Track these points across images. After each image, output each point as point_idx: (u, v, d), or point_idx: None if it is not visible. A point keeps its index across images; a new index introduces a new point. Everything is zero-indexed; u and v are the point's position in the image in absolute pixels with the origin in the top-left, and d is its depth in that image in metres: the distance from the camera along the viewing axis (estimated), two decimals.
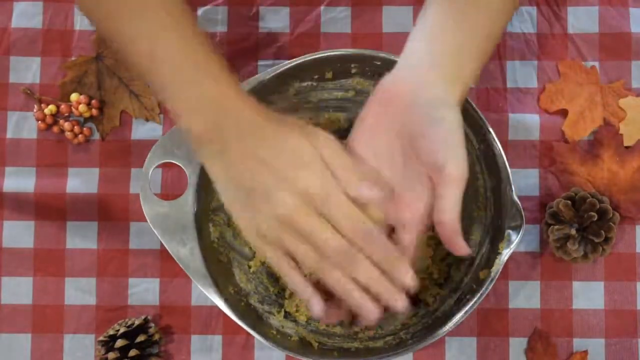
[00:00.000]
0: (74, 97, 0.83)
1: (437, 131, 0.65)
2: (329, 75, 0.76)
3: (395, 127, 0.66)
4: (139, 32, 0.63)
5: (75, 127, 0.83)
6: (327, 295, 0.67)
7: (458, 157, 0.65)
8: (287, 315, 0.78)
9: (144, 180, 0.74)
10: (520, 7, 0.84)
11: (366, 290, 0.65)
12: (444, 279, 0.78)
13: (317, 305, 0.66)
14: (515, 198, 0.71)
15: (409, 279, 0.65)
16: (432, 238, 0.80)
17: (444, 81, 0.65)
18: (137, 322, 0.79)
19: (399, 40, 0.82)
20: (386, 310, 0.66)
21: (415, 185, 0.66)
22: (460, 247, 0.66)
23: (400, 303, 0.65)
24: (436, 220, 0.66)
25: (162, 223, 0.74)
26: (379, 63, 0.74)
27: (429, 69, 0.66)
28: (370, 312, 0.65)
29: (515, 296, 0.81)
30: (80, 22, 0.85)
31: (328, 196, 0.63)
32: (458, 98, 0.66)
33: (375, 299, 0.65)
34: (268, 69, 0.75)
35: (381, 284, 0.65)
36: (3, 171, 0.83)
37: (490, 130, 0.72)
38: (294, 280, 0.66)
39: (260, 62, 0.84)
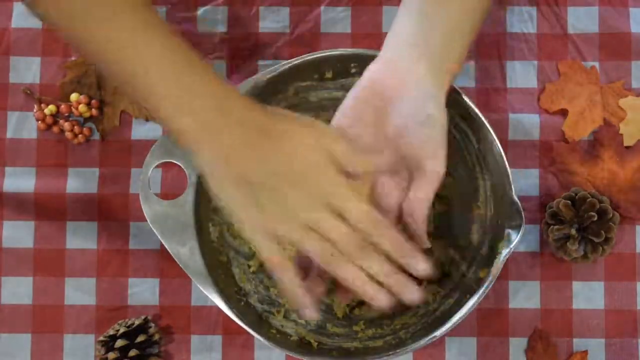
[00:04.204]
0: (74, 97, 0.83)
1: (423, 128, 0.65)
2: (329, 75, 0.76)
3: (380, 120, 0.67)
4: (116, 37, 0.60)
5: (75, 127, 0.82)
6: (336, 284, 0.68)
7: (439, 156, 0.66)
8: (287, 315, 0.78)
9: (144, 180, 0.74)
10: (520, 7, 0.84)
11: (379, 282, 0.65)
12: (444, 278, 0.78)
13: (313, 314, 0.66)
14: (515, 198, 0.71)
15: (423, 268, 0.66)
16: (431, 236, 0.80)
17: (434, 75, 0.65)
18: (137, 322, 0.79)
19: None
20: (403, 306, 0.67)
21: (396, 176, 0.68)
22: (422, 242, 0.68)
23: (413, 296, 0.65)
24: (407, 212, 0.67)
25: (162, 223, 0.74)
26: None
27: (417, 60, 0.65)
28: (382, 302, 0.65)
29: (515, 296, 0.81)
30: None
31: (345, 202, 0.64)
32: (445, 90, 0.66)
33: (390, 291, 0.65)
34: (268, 69, 0.75)
35: (395, 277, 0.65)
36: (3, 171, 0.83)
37: (490, 130, 0.72)
38: (294, 284, 0.65)
39: (260, 62, 0.84)
